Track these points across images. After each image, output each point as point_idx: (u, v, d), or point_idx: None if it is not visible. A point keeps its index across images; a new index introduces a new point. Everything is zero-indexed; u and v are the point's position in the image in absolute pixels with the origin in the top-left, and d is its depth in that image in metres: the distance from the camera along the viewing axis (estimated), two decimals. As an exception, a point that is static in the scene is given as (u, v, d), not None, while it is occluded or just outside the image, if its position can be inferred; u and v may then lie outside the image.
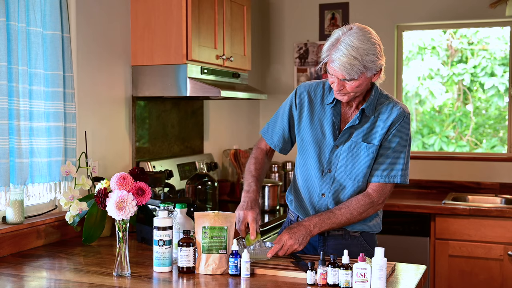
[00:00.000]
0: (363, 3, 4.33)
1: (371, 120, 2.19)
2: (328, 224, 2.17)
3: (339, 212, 2.17)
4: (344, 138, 2.20)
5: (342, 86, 2.08)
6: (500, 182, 4.09)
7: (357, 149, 2.19)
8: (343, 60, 2.00)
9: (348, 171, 2.20)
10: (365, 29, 2.06)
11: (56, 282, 2.01)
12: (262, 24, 4.60)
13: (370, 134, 2.19)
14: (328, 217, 2.17)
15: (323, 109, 2.24)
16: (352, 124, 2.19)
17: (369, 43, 2.02)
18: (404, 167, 2.20)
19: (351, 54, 1.99)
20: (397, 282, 1.96)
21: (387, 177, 2.19)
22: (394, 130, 2.17)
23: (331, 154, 2.22)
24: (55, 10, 2.51)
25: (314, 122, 2.25)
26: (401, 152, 2.19)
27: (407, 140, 2.20)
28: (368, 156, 2.19)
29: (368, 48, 2.02)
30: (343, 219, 2.17)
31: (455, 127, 4.84)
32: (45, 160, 2.51)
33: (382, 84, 4.63)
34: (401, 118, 2.17)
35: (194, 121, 3.75)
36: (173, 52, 3.00)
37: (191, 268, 2.04)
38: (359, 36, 2.02)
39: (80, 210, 2.49)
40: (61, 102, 2.55)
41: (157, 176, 2.95)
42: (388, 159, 2.18)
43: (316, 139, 2.24)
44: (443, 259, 3.64)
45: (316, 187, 2.26)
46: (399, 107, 2.19)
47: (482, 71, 4.74)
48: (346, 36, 2.02)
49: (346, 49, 2.00)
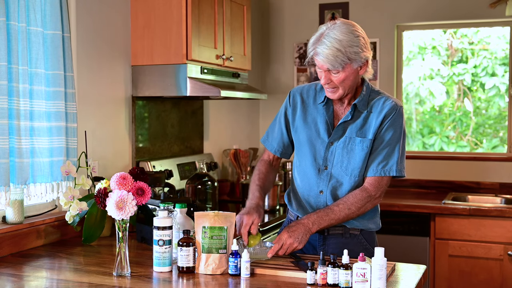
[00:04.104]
0: (363, 3, 4.33)
1: (364, 115, 2.22)
2: (327, 221, 2.17)
3: (337, 208, 2.18)
4: (338, 135, 2.23)
5: (329, 79, 2.14)
6: (500, 182, 4.09)
7: (351, 145, 2.21)
8: (327, 52, 2.08)
9: (344, 167, 2.23)
10: (348, 23, 2.14)
11: (56, 282, 2.01)
12: (262, 24, 4.60)
13: (364, 128, 2.22)
14: (326, 213, 2.18)
15: (316, 108, 2.29)
16: (345, 119, 2.22)
17: (352, 35, 2.10)
18: (399, 159, 2.21)
19: (334, 46, 2.07)
20: (397, 282, 1.96)
21: (383, 170, 2.20)
22: (387, 123, 2.20)
23: (326, 151, 2.25)
24: (55, 9, 2.51)
25: (307, 122, 2.29)
26: (395, 145, 2.21)
27: (401, 133, 2.22)
28: (362, 150, 2.21)
29: (351, 39, 2.09)
30: (342, 215, 2.18)
31: (455, 127, 4.83)
32: (46, 160, 2.51)
33: (382, 84, 4.61)
34: (394, 111, 2.20)
35: (194, 121, 3.75)
36: (173, 52, 3.01)
37: (191, 268, 2.04)
38: (342, 30, 2.10)
39: (80, 210, 2.49)
40: (62, 102, 2.56)
41: (157, 176, 2.95)
42: (382, 152, 2.20)
43: (311, 138, 2.28)
44: (443, 259, 3.64)
45: (314, 185, 2.28)
46: (391, 100, 2.23)
47: (483, 71, 4.74)
48: (329, 30, 2.11)
49: (330, 42, 2.08)
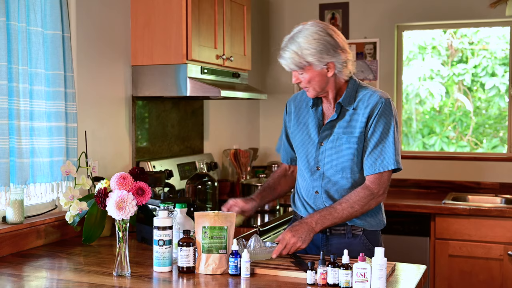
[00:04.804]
0: (363, 3, 4.33)
1: (350, 112, 2.23)
2: (330, 220, 2.18)
3: (340, 207, 2.19)
4: (326, 134, 2.26)
5: (297, 78, 2.22)
6: (500, 182, 4.09)
7: (339, 143, 2.24)
8: (285, 55, 2.19)
9: (334, 166, 2.25)
10: (316, 25, 2.18)
11: (56, 282, 2.01)
12: (262, 24, 4.60)
13: (350, 126, 2.23)
14: (329, 212, 2.19)
15: (308, 111, 2.34)
16: (331, 119, 2.25)
17: (311, 39, 2.15)
18: (395, 152, 2.20)
19: (292, 49, 2.16)
20: (397, 282, 1.96)
21: (381, 166, 2.19)
22: (375, 118, 2.19)
23: (317, 152, 2.28)
24: (55, 9, 2.51)
25: (300, 126, 2.35)
26: (388, 138, 2.19)
27: (391, 125, 2.19)
28: (350, 148, 2.22)
29: (309, 43, 2.13)
30: (345, 214, 2.19)
31: (456, 127, 4.83)
32: (46, 160, 2.51)
33: (382, 84, 4.60)
34: (380, 104, 2.19)
35: (194, 121, 3.75)
36: (173, 52, 3.00)
37: (191, 268, 2.04)
38: (305, 33, 2.16)
39: (80, 210, 2.49)
40: (62, 101, 2.55)
41: (157, 176, 2.95)
42: (377, 149, 2.19)
43: (303, 140, 2.33)
44: (443, 259, 3.64)
45: (310, 186, 2.32)
46: (376, 94, 2.21)
47: (483, 71, 4.74)
48: (297, 32, 2.19)
49: (290, 44, 2.17)
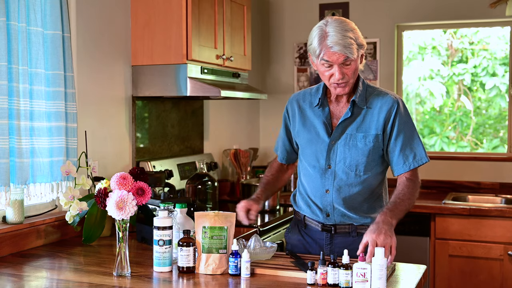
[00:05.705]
0: (363, 2, 4.33)
1: (364, 111, 2.25)
2: (400, 211, 2.16)
3: (399, 200, 2.19)
4: (338, 133, 2.25)
5: (343, 74, 2.15)
6: (500, 182, 4.09)
7: (353, 141, 2.24)
8: (341, 42, 2.10)
9: (347, 164, 2.24)
10: (339, 19, 2.19)
11: (56, 282, 2.01)
12: (262, 24, 4.60)
13: (365, 124, 2.24)
14: (395, 206, 2.16)
15: (313, 111, 2.32)
16: (346, 117, 2.24)
17: (351, 25, 2.16)
18: (423, 146, 2.29)
19: (345, 35, 2.10)
20: (397, 282, 1.96)
21: (415, 161, 2.26)
22: (396, 119, 2.23)
23: (328, 150, 2.26)
24: (55, 9, 2.51)
25: (306, 125, 2.33)
26: (414, 136, 2.27)
27: (412, 122, 2.29)
28: (366, 145, 2.23)
29: (353, 28, 2.15)
30: (406, 206, 2.19)
31: (456, 127, 4.83)
32: (46, 160, 2.51)
33: (382, 84, 4.61)
34: (396, 104, 2.24)
35: (194, 121, 3.75)
36: (173, 52, 3.00)
37: (191, 268, 2.04)
38: (340, 23, 2.15)
39: (80, 210, 2.49)
40: (62, 101, 2.55)
41: (157, 176, 2.95)
42: (407, 147, 2.24)
43: (311, 140, 2.31)
44: (443, 259, 3.64)
45: (319, 185, 2.29)
46: (389, 95, 2.28)
47: (483, 71, 4.74)
48: (329, 27, 2.13)
49: (340, 33, 2.10)
